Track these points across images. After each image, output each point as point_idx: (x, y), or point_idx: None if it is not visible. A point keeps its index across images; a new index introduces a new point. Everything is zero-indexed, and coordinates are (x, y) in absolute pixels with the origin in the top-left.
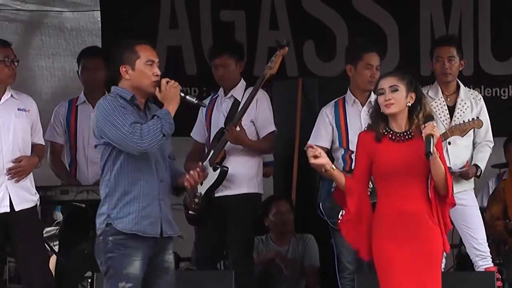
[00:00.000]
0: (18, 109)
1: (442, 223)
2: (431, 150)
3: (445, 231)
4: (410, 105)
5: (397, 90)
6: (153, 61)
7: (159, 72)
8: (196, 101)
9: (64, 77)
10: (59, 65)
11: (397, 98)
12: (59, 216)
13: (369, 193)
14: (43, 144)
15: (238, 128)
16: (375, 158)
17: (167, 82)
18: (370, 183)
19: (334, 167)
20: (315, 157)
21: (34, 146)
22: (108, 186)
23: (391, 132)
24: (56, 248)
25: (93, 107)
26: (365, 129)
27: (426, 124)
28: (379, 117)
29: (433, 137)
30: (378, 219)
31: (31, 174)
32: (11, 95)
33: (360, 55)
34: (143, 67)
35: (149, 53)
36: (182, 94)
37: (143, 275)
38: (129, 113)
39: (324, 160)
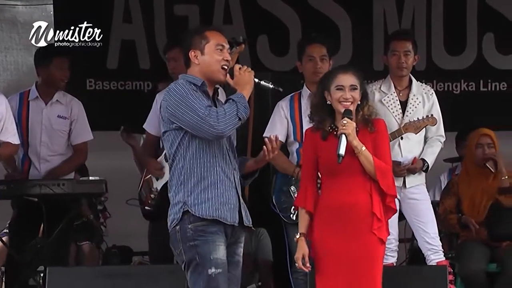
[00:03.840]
0: None
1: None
2: (339, 152)
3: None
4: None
5: (356, 89)
6: (223, 46)
7: (229, 58)
8: (272, 86)
9: (17, 71)
10: (12, 59)
11: (355, 97)
12: None
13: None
14: (12, 143)
15: None
16: (320, 154)
17: (240, 68)
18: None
19: None
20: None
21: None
22: (182, 173)
23: (336, 129)
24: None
25: (46, 104)
26: (312, 127)
27: (341, 122)
28: (325, 112)
29: (345, 136)
30: (319, 213)
31: None
32: None
33: (303, 49)
34: (213, 51)
35: (219, 38)
36: (257, 80)
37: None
38: (202, 97)
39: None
